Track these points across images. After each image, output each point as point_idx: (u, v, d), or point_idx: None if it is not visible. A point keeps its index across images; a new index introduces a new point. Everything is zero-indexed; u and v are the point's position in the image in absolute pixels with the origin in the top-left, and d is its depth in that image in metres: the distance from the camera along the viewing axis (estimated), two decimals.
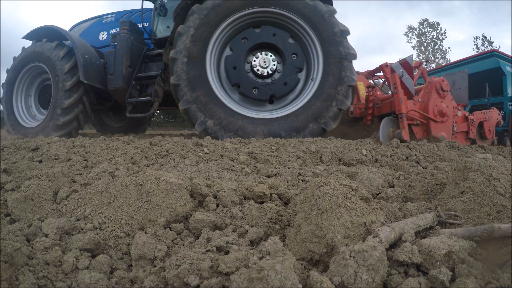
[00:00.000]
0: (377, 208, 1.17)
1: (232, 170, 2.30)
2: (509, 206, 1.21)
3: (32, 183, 1.34)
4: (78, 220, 1.18)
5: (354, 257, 0.81)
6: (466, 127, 5.16)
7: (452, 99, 5.05)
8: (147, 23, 5.62)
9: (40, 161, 2.63)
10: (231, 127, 3.77)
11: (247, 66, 4.11)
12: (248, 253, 0.89)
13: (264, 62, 4.02)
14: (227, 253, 0.98)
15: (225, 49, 4.25)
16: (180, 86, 3.81)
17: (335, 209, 1.02)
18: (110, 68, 4.70)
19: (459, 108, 5.11)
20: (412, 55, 5.31)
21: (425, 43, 37.19)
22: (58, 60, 4.70)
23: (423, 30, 37.52)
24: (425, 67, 6.89)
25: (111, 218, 1.17)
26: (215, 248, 0.97)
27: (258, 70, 4.02)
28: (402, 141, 4.00)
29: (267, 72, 4.03)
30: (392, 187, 1.87)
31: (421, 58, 37.58)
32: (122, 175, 1.86)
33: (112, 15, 6.19)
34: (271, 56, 4.09)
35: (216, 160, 2.69)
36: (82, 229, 1.13)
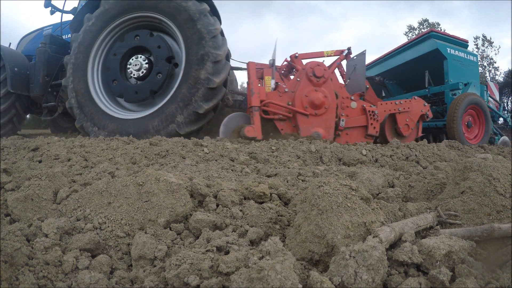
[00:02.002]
0: (377, 208, 1.17)
1: (232, 170, 2.30)
2: (509, 206, 1.21)
3: (32, 183, 1.34)
4: (78, 220, 1.18)
5: (354, 257, 0.81)
6: (364, 121, 4.26)
7: (342, 87, 4.26)
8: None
9: (40, 161, 2.63)
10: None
11: (133, 81, 4.31)
12: (248, 253, 0.89)
13: (136, 65, 4.17)
14: (227, 253, 0.98)
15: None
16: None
17: (335, 209, 1.02)
18: (31, 78, 5.42)
19: (352, 98, 4.27)
20: (276, 39, 4.57)
21: None
22: None
23: (423, 30, 37.52)
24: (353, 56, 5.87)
25: (111, 218, 1.17)
26: (215, 248, 0.97)
27: (141, 75, 4.15)
28: (247, 138, 3.56)
29: (143, 71, 4.16)
30: (392, 187, 1.87)
31: None
32: (122, 175, 1.86)
33: (50, 27, 6.76)
34: (139, 57, 4.20)
35: (216, 160, 2.69)
36: (82, 229, 1.13)
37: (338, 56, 5.80)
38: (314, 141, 3.50)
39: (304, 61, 5.38)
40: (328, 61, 5.68)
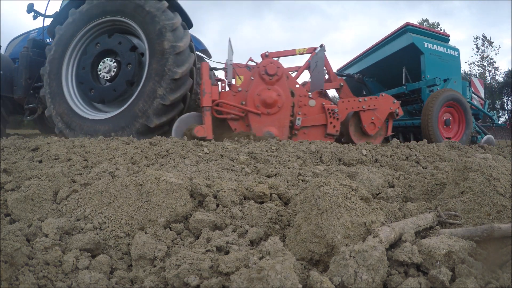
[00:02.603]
0: (377, 208, 1.17)
1: (232, 170, 2.30)
2: (509, 206, 1.21)
3: (32, 183, 1.34)
4: (78, 220, 1.18)
5: (354, 257, 0.81)
6: (324, 120, 4.11)
7: (298, 85, 4.17)
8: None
9: (40, 161, 2.63)
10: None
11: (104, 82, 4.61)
12: (248, 253, 0.89)
13: (105, 68, 4.47)
14: (227, 253, 0.98)
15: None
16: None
17: (335, 209, 1.02)
18: (15, 81, 5.68)
19: (311, 95, 4.14)
20: (229, 39, 4.54)
21: None
22: None
23: None
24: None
25: (111, 218, 1.17)
26: (215, 248, 0.97)
27: (113, 75, 4.43)
28: (197, 138, 3.60)
29: (113, 71, 4.45)
30: (392, 187, 1.87)
31: None
32: (122, 175, 1.86)
33: (36, 30, 7.01)
34: (105, 61, 4.51)
35: (216, 160, 2.69)
36: (82, 229, 1.13)
37: (310, 54, 5.54)
38: (314, 141, 3.50)
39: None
40: (302, 59, 5.49)
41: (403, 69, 5.75)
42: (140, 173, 1.36)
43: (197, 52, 5.61)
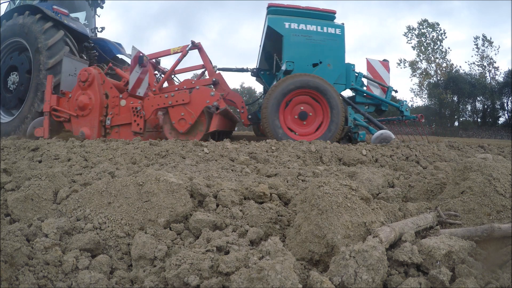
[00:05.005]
0: (377, 208, 1.17)
1: (232, 170, 2.30)
2: (509, 206, 1.21)
3: (32, 183, 1.34)
4: (78, 220, 1.18)
5: (354, 257, 0.81)
6: (129, 118, 4.32)
7: (112, 87, 4.49)
8: None
9: (40, 161, 2.63)
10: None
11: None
12: (248, 253, 0.89)
13: (11, 81, 5.70)
14: (227, 253, 0.98)
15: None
16: None
17: (335, 209, 1.02)
18: None
19: (121, 96, 4.42)
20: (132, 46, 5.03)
21: (425, 43, 37.21)
22: None
23: (422, 30, 37.52)
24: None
25: (111, 218, 1.17)
26: (215, 248, 0.97)
27: (18, 87, 5.55)
28: (36, 138, 4.31)
29: (17, 83, 5.60)
30: (392, 187, 1.87)
31: (421, 58, 37.40)
32: (122, 175, 1.86)
33: None
34: (7, 80, 5.73)
35: (216, 160, 2.69)
36: (82, 229, 1.13)
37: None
38: (314, 141, 3.50)
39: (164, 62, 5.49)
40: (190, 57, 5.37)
41: (274, 57, 5.00)
42: (140, 173, 1.36)
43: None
